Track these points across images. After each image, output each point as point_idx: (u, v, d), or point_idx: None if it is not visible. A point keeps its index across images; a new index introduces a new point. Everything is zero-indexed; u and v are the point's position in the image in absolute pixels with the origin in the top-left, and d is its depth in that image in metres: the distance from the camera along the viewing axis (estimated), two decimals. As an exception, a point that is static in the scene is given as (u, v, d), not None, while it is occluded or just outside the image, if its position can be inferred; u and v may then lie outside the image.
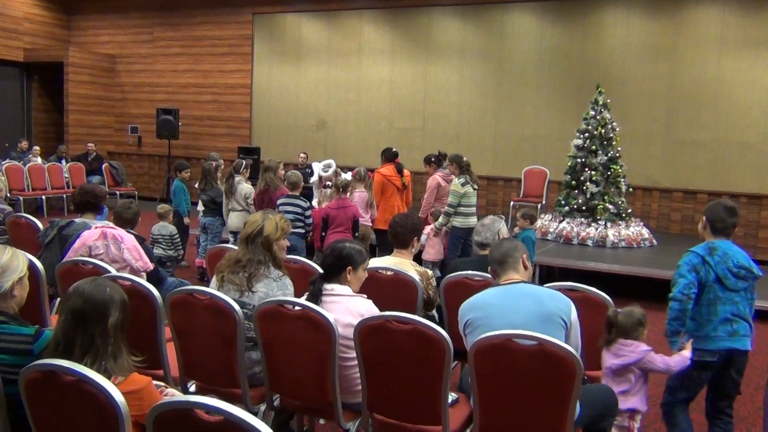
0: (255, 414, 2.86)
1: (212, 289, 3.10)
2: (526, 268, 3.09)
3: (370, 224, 7.65)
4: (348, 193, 6.97)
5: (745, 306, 3.49)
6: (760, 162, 10.14)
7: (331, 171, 8.03)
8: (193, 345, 3.25)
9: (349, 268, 3.19)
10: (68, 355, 2.17)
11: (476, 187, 7.37)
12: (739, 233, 10.13)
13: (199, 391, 3.32)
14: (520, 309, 2.83)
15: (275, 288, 3.23)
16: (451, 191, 7.25)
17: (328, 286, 3.15)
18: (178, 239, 6.99)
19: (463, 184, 7.23)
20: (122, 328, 2.27)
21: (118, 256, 4.31)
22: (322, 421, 3.91)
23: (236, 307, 3.03)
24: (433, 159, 8.03)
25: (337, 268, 3.18)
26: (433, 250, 7.40)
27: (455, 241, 7.23)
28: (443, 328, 3.24)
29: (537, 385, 2.64)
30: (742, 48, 10.26)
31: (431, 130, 12.37)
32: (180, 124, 13.87)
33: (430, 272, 4.00)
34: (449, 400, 3.00)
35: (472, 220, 7.18)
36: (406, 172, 7.95)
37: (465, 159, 7.46)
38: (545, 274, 7.65)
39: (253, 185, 7.85)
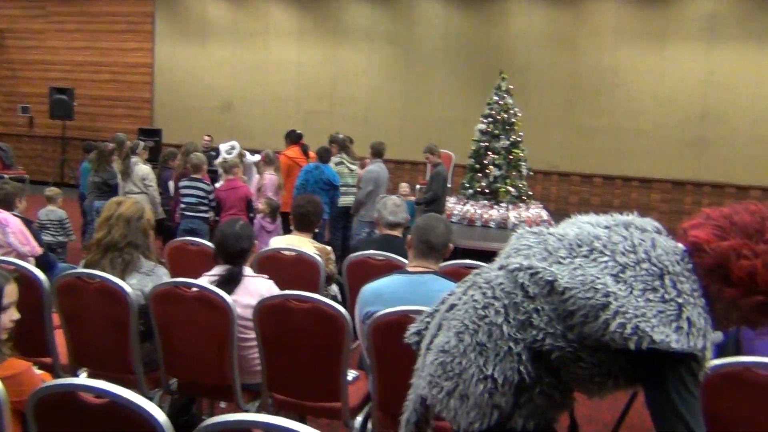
0: (151, 399, 2.79)
1: (102, 272, 2.97)
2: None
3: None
4: (234, 174, 6.85)
5: (324, 198, 6.60)
6: (651, 148, 10.73)
7: (235, 153, 7.87)
8: (84, 331, 3.12)
9: (253, 249, 3.18)
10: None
11: (353, 167, 7.64)
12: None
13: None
14: (432, 304, 2.66)
15: (149, 283, 3.07)
16: None
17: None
18: (69, 223, 6.65)
19: (336, 164, 7.58)
20: None
21: (2, 240, 4.07)
22: (223, 404, 3.85)
23: (128, 289, 2.93)
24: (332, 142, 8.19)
25: (243, 251, 3.14)
26: None
27: (332, 221, 7.51)
28: (345, 306, 3.26)
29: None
30: (636, 39, 10.80)
31: (339, 113, 12.33)
32: (75, 104, 13.19)
33: (328, 248, 4.04)
34: (349, 378, 3.03)
35: (346, 199, 7.58)
36: (311, 153, 7.91)
37: (341, 136, 7.69)
38: (450, 255, 7.80)
39: (153, 168, 7.60)
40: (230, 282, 3.04)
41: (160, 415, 1.73)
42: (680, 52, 10.60)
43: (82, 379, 1.88)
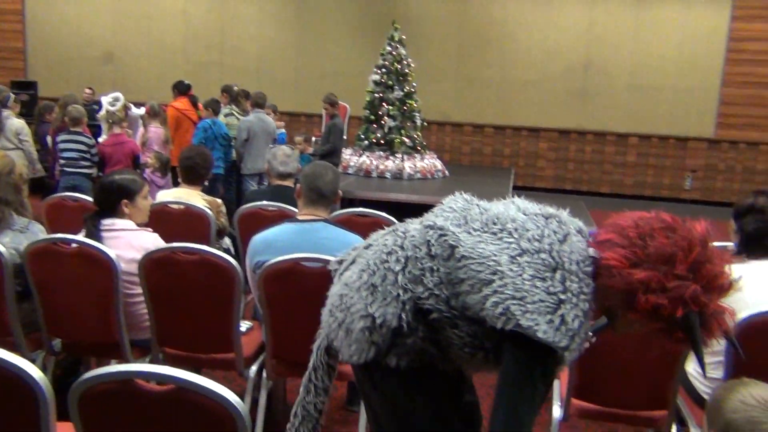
0: (33, 361, 2.67)
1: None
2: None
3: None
4: (121, 128, 6.56)
5: (219, 153, 6.81)
6: (539, 98, 11.10)
7: (119, 105, 7.48)
8: (-47, 294, 2.93)
9: (125, 201, 3.02)
10: None
11: (240, 118, 7.61)
12: (520, 163, 11.15)
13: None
14: (322, 251, 2.63)
15: (24, 241, 2.91)
16: None
17: (107, 222, 2.97)
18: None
19: (225, 116, 7.50)
20: None
21: None
22: (113, 363, 3.75)
23: (1, 248, 2.76)
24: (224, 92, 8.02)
25: (110, 202, 3.00)
26: None
27: (226, 175, 7.42)
28: (238, 258, 3.23)
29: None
30: (523, -9, 11.03)
31: (230, 65, 11.95)
32: (-64, 54, 12.08)
33: (218, 201, 3.96)
34: (243, 329, 3.02)
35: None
36: (200, 105, 7.66)
37: (236, 88, 7.57)
38: (347, 205, 7.84)
39: (28, 123, 7.13)
40: (91, 236, 2.91)
41: (35, 372, 1.67)
42: (565, 4, 10.93)
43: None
